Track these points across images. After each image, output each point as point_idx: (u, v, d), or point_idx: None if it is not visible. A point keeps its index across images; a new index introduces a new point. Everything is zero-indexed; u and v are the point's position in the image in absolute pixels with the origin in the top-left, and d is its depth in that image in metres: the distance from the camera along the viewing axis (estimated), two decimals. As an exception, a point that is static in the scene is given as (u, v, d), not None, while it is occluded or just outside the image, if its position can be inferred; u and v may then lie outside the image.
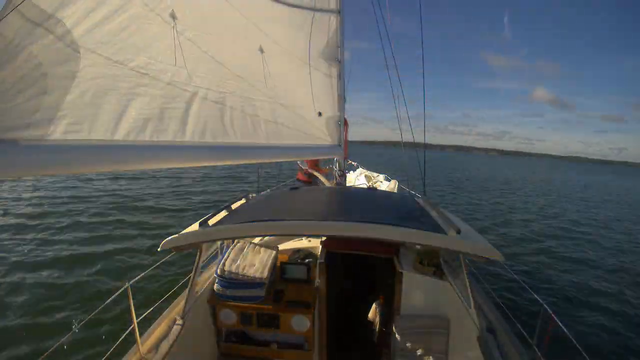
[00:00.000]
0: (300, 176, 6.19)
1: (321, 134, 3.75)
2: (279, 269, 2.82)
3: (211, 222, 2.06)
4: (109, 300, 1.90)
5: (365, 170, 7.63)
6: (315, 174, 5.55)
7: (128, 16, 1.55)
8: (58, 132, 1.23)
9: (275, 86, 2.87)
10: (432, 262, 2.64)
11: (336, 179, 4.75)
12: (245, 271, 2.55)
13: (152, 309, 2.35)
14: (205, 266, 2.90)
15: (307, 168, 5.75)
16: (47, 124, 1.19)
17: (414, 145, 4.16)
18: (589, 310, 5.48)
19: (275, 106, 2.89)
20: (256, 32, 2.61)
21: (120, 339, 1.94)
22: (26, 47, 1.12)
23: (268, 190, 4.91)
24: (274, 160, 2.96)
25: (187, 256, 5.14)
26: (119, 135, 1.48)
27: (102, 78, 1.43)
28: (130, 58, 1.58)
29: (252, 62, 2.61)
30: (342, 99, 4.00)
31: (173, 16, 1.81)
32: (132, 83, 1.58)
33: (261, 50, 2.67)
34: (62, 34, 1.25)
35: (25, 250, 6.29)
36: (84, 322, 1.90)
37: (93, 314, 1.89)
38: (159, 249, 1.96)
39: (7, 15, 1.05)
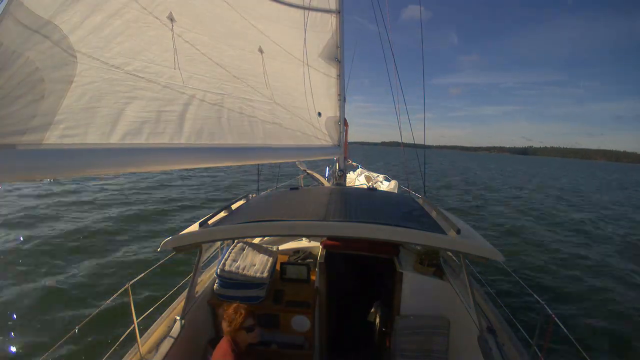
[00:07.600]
0: None
1: (321, 135, 3.76)
2: (279, 270, 2.82)
3: (211, 222, 2.06)
4: (109, 300, 1.90)
5: (365, 170, 7.62)
6: (314, 174, 5.56)
7: (125, 20, 1.54)
8: (55, 137, 1.22)
9: (275, 87, 2.87)
10: (432, 262, 2.64)
11: (336, 179, 4.75)
12: (245, 271, 2.54)
13: (152, 309, 2.35)
14: (205, 266, 2.90)
15: (305, 168, 5.76)
16: (44, 129, 1.18)
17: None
18: (590, 311, 5.48)
19: (275, 107, 2.88)
20: (256, 33, 2.61)
21: (121, 339, 1.94)
22: (23, 53, 1.11)
23: (268, 190, 4.91)
24: (273, 161, 2.95)
25: (187, 256, 5.14)
26: (115, 139, 1.47)
27: (99, 82, 1.42)
28: (127, 62, 1.56)
29: (251, 63, 2.61)
30: (342, 99, 4.01)
31: (171, 18, 1.79)
32: (128, 87, 1.56)
33: (261, 51, 2.68)
34: (59, 39, 1.25)
35: (26, 250, 6.30)
36: (84, 322, 1.89)
37: (93, 314, 1.89)
38: (159, 249, 1.96)
39: (3, 22, 1.05)
